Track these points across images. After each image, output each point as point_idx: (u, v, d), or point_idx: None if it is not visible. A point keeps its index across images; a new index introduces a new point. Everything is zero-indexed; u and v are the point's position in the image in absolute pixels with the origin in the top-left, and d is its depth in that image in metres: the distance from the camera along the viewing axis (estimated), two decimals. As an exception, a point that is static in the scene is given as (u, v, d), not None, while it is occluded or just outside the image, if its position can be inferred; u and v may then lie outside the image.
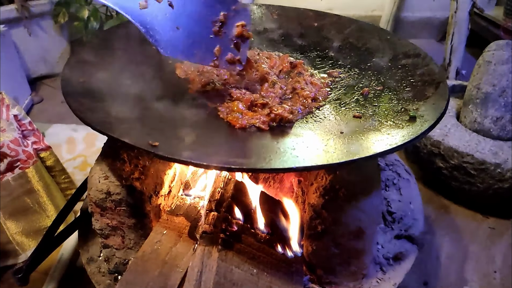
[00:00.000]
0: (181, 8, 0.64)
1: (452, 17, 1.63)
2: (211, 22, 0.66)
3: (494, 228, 1.10)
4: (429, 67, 0.74)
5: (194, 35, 0.65)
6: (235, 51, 0.69)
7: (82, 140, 1.36)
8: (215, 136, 0.60)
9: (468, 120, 1.17)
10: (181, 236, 0.71)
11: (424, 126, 0.58)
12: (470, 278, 0.95)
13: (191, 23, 0.65)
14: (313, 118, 0.65)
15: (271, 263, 0.67)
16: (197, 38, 0.66)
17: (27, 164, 0.94)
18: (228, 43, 0.68)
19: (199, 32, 0.66)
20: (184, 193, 0.82)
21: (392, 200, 0.82)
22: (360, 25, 0.93)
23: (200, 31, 0.66)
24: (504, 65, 1.10)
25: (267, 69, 0.75)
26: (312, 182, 0.68)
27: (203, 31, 0.66)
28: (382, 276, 0.72)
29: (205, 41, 0.66)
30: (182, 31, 0.65)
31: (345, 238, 0.65)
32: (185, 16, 0.64)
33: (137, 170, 0.68)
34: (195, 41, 0.66)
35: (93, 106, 0.60)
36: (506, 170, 1.02)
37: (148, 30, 0.61)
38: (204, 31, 0.66)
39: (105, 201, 0.68)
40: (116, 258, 0.74)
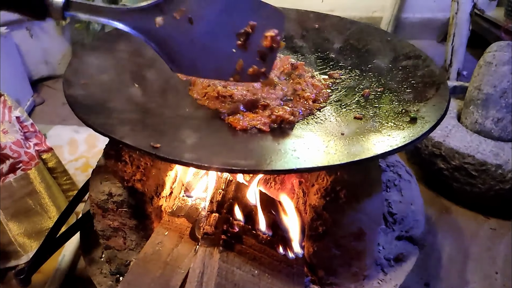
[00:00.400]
0: (200, 22, 0.56)
1: (453, 18, 1.64)
2: (235, 35, 0.58)
3: (495, 229, 1.10)
4: (429, 68, 0.74)
5: (213, 51, 0.58)
6: (260, 63, 0.61)
7: (84, 142, 1.37)
8: (216, 138, 0.60)
9: (469, 121, 1.17)
10: (182, 237, 0.71)
11: (425, 127, 0.58)
12: (471, 279, 0.95)
13: (211, 38, 0.57)
14: (314, 120, 0.65)
15: (272, 264, 0.67)
16: (217, 54, 0.58)
17: (29, 166, 0.95)
18: (253, 55, 0.60)
19: (219, 47, 0.58)
20: (186, 194, 0.82)
21: (393, 201, 0.82)
22: (361, 26, 0.93)
23: (220, 46, 0.58)
24: (505, 66, 1.10)
25: None
26: (313, 183, 0.68)
27: (224, 46, 0.58)
28: (383, 277, 0.72)
29: (225, 56, 0.59)
30: (199, 48, 0.57)
31: (346, 239, 0.66)
32: (204, 31, 0.56)
33: (138, 171, 0.68)
34: (214, 57, 0.58)
35: (95, 108, 0.60)
36: (507, 171, 1.02)
37: (161, 48, 0.55)
38: (226, 45, 0.58)
39: (107, 202, 0.68)
40: (118, 259, 0.74)
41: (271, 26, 0.59)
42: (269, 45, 0.59)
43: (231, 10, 0.57)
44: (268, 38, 0.59)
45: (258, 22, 0.58)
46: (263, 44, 0.59)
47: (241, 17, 0.57)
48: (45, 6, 0.49)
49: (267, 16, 0.58)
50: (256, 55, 0.60)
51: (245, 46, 0.59)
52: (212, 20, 0.56)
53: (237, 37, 0.58)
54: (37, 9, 0.49)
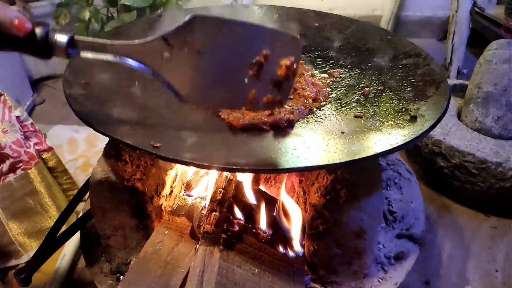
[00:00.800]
0: (209, 54, 0.53)
1: (453, 16, 1.63)
2: (248, 65, 0.54)
3: (495, 227, 1.10)
4: (430, 67, 0.74)
5: (224, 82, 0.55)
6: (275, 91, 0.57)
7: (84, 141, 1.37)
8: (217, 137, 0.60)
9: (469, 119, 1.17)
10: (182, 236, 0.71)
11: (425, 126, 0.58)
12: (472, 277, 0.95)
13: (221, 69, 0.54)
14: (314, 119, 0.65)
15: (272, 263, 0.67)
16: (227, 84, 0.55)
17: (29, 165, 0.95)
18: (267, 84, 0.56)
19: (230, 78, 0.55)
20: (186, 193, 0.82)
21: (394, 200, 0.82)
22: (361, 25, 0.93)
23: (231, 77, 0.55)
24: (505, 64, 1.10)
25: None
26: (314, 181, 0.68)
27: (235, 77, 0.55)
28: (383, 276, 0.73)
29: (237, 87, 0.55)
30: (209, 79, 0.55)
31: (347, 238, 0.66)
32: (213, 63, 0.54)
33: (138, 170, 0.68)
34: (225, 88, 0.56)
35: (95, 108, 0.60)
36: (508, 169, 1.02)
37: (170, 81, 0.54)
38: (237, 76, 0.55)
39: (107, 201, 0.68)
40: (118, 259, 0.74)
41: (286, 54, 0.55)
42: (284, 74, 0.56)
43: (242, 40, 0.54)
44: (283, 68, 0.55)
45: (272, 50, 0.54)
46: (278, 73, 0.56)
47: (253, 46, 0.54)
48: (49, 46, 0.49)
49: (282, 44, 0.55)
50: (270, 84, 0.56)
51: (258, 76, 0.55)
52: (222, 52, 0.54)
53: (249, 68, 0.54)
54: (41, 49, 0.50)
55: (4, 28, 0.46)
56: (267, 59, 0.54)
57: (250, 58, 0.54)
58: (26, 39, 0.48)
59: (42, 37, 0.48)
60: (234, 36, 0.53)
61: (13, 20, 0.46)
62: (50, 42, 0.49)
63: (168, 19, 0.92)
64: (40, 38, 0.48)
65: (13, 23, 0.46)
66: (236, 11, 0.99)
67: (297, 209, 0.74)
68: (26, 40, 0.48)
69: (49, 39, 0.49)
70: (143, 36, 0.78)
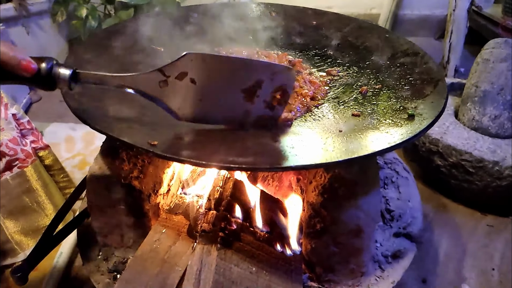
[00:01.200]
0: (205, 81, 0.57)
1: (451, 15, 1.64)
2: (240, 90, 0.58)
3: (492, 225, 1.10)
4: (427, 65, 0.74)
5: (219, 105, 0.59)
6: (268, 111, 0.61)
7: (81, 139, 1.36)
8: (214, 135, 0.60)
9: (466, 118, 1.17)
10: (180, 234, 0.71)
11: (422, 124, 0.58)
12: (469, 276, 0.95)
13: (216, 94, 0.58)
14: (312, 117, 0.65)
15: (270, 261, 0.67)
16: (223, 107, 0.60)
17: (26, 163, 0.94)
18: (261, 106, 0.60)
19: (225, 102, 0.59)
20: (183, 192, 0.82)
21: (391, 198, 0.82)
22: (359, 23, 0.93)
23: (226, 101, 0.59)
24: (503, 63, 1.10)
25: None
26: (311, 180, 0.68)
27: (230, 101, 0.59)
28: (380, 274, 0.73)
29: (232, 109, 0.60)
30: (205, 103, 0.59)
31: (344, 236, 0.66)
32: (208, 90, 0.58)
33: (136, 168, 0.67)
34: (220, 110, 0.60)
35: (92, 105, 0.60)
36: (505, 168, 1.02)
37: (167, 105, 0.58)
38: (232, 100, 0.59)
39: (104, 200, 0.68)
40: (115, 257, 0.74)
41: (279, 82, 0.59)
42: (277, 102, 0.60)
43: (235, 72, 0.58)
44: (275, 98, 0.60)
45: (266, 78, 0.58)
46: (272, 102, 0.60)
47: (246, 77, 0.58)
48: (53, 80, 0.52)
49: (275, 73, 0.59)
50: (263, 105, 0.60)
51: (252, 101, 0.59)
52: (216, 81, 0.58)
53: (242, 92, 0.59)
54: (46, 83, 0.52)
55: (12, 69, 0.49)
56: (260, 86, 0.58)
57: (245, 84, 0.58)
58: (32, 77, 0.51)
59: (46, 73, 0.51)
60: (226, 69, 0.58)
61: (20, 62, 0.49)
62: (54, 76, 0.52)
63: (165, 17, 0.91)
64: (45, 74, 0.51)
65: (20, 65, 0.49)
66: (234, 9, 0.99)
67: (295, 208, 0.74)
68: (32, 77, 0.51)
69: (53, 74, 0.52)
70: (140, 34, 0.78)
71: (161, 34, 0.86)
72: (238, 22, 0.95)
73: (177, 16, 0.93)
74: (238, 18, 0.96)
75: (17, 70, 0.50)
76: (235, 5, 1.02)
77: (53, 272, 0.90)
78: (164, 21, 0.90)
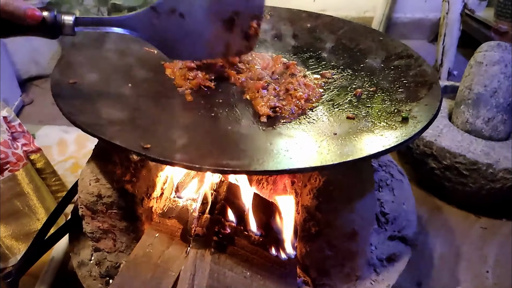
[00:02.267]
0: (191, 15, 0.64)
1: (444, 18, 1.64)
2: (222, 21, 0.66)
3: (486, 228, 1.10)
4: (421, 68, 0.74)
5: (204, 36, 0.66)
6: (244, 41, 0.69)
7: (73, 142, 1.35)
8: (208, 138, 0.59)
9: (460, 121, 1.18)
10: (173, 239, 0.70)
11: (417, 127, 0.58)
12: (463, 278, 0.96)
13: (201, 26, 0.65)
14: (307, 120, 0.65)
15: (264, 265, 0.67)
16: (207, 38, 0.67)
17: (17, 166, 0.93)
18: (239, 36, 0.68)
19: (209, 33, 0.66)
20: (177, 195, 0.81)
21: (386, 201, 0.82)
22: (353, 26, 0.93)
23: (210, 32, 0.66)
24: (495, 66, 1.10)
25: (260, 70, 0.75)
26: (306, 183, 0.67)
27: (213, 31, 0.66)
28: (375, 278, 0.72)
29: (215, 39, 0.67)
30: (192, 36, 0.65)
31: (339, 239, 0.65)
32: (194, 22, 0.64)
33: (128, 172, 0.67)
34: (205, 41, 0.67)
35: (84, 108, 0.59)
36: (498, 170, 1.03)
37: (160, 43, 0.64)
38: (214, 31, 0.66)
39: (96, 204, 0.67)
40: (108, 262, 0.73)
41: (252, 10, 0.67)
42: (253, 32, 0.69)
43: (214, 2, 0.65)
44: (252, 28, 0.68)
45: (241, 8, 0.66)
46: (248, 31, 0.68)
47: (225, 5, 0.66)
48: (58, 27, 0.55)
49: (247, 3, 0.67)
50: (241, 35, 0.68)
51: (231, 30, 0.67)
52: (200, 12, 0.64)
53: (223, 23, 0.66)
54: (51, 31, 0.55)
55: (18, 19, 0.50)
56: (238, 16, 0.66)
57: (224, 15, 0.66)
58: (37, 25, 0.53)
59: (51, 21, 0.54)
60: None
61: (25, 10, 0.50)
62: (59, 24, 0.55)
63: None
64: (50, 22, 0.54)
65: (26, 14, 0.50)
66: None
67: (289, 211, 0.74)
68: (38, 26, 0.53)
69: (57, 21, 0.54)
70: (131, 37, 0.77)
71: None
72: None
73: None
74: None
75: (23, 20, 0.50)
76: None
77: (44, 277, 0.89)
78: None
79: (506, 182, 1.03)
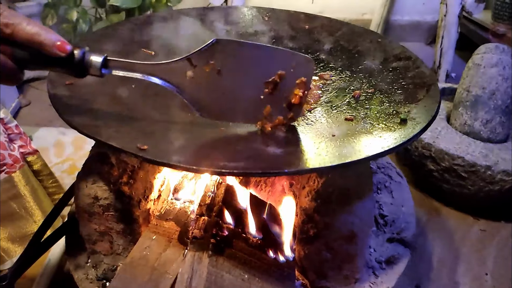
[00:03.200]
0: (229, 73, 0.57)
1: (442, 20, 1.65)
2: (263, 83, 0.58)
3: (485, 230, 1.10)
4: (420, 70, 0.74)
5: (241, 98, 0.59)
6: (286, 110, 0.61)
7: (71, 144, 1.34)
8: (205, 140, 0.59)
9: (458, 123, 1.18)
10: (170, 241, 0.69)
11: (416, 129, 0.58)
12: (462, 281, 0.95)
13: (239, 87, 0.58)
14: (305, 121, 0.65)
15: (262, 268, 0.66)
16: (244, 101, 0.59)
17: (14, 168, 0.92)
18: (281, 102, 0.60)
19: (247, 94, 0.59)
20: (174, 197, 0.81)
21: (384, 203, 0.81)
22: (351, 28, 0.92)
23: (248, 94, 0.59)
24: (494, 68, 1.11)
25: None
26: (304, 185, 0.67)
27: (252, 94, 0.59)
28: (374, 280, 0.72)
29: (253, 103, 0.59)
30: (227, 96, 0.58)
31: (338, 242, 0.65)
32: (232, 81, 0.58)
33: (125, 174, 0.66)
34: (242, 103, 0.59)
35: (80, 109, 0.59)
36: (497, 172, 1.03)
37: (192, 97, 0.57)
38: (254, 93, 0.59)
39: (93, 206, 0.66)
40: (104, 264, 0.72)
41: (300, 74, 0.59)
42: (297, 101, 0.60)
43: (259, 61, 0.58)
44: (297, 97, 0.59)
45: (287, 70, 0.58)
46: (292, 100, 0.59)
47: (269, 67, 0.58)
48: (85, 66, 0.53)
49: (296, 65, 0.59)
50: (283, 101, 0.60)
51: (273, 94, 0.59)
52: (240, 71, 0.58)
53: (265, 86, 0.58)
54: (78, 69, 0.53)
55: (47, 50, 0.50)
56: (282, 79, 0.58)
57: (267, 77, 0.58)
58: (65, 59, 0.52)
59: (79, 58, 0.52)
60: (252, 57, 0.58)
61: (55, 42, 0.50)
62: (87, 62, 0.53)
63: (157, 20, 0.91)
64: (78, 59, 0.52)
65: (55, 45, 0.50)
66: (227, 13, 0.98)
67: (288, 213, 0.73)
68: (65, 60, 0.52)
69: (86, 60, 0.53)
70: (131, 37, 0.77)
71: (152, 38, 0.85)
72: (231, 26, 0.95)
73: (169, 20, 0.92)
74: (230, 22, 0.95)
75: (52, 51, 0.50)
76: (228, 9, 1.01)
77: (40, 280, 0.88)
78: (156, 25, 0.89)
79: (505, 184, 1.03)
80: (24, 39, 0.49)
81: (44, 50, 0.50)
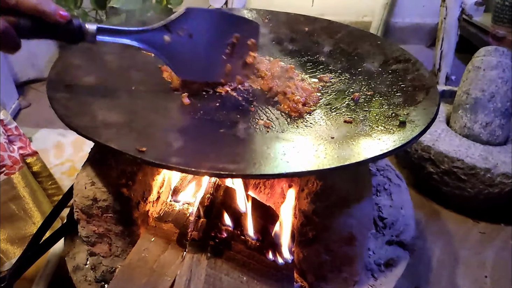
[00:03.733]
0: (198, 36, 0.67)
1: (442, 23, 1.65)
2: (225, 45, 0.70)
3: (484, 232, 1.10)
4: (419, 72, 0.74)
5: (209, 58, 0.70)
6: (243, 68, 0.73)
7: (70, 145, 1.34)
8: (204, 141, 0.59)
9: (458, 125, 1.18)
10: (169, 243, 0.69)
11: (415, 131, 0.58)
12: (461, 283, 0.95)
13: (207, 48, 0.69)
14: (304, 123, 0.65)
15: (261, 270, 0.66)
16: (211, 60, 0.70)
17: (13, 170, 0.92)
18: (238, 61, 0.72)
19: (213, 55, 0.70)
20: (173, 199, 0.81)
21: (383, 205, 0.81)
22: (350, 30, 0.93)
23: (214, 54, 0.70)
24: (493, 70, 1.11)
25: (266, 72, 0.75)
26: (303, 187, 0.67)
27: (216, 54, 0.70)
28: (373, 283, 0.72)
29: (217, 62, 0.70)
30: (199, 57, 0.68)
31: (337, 244, 0.65)
32: (201, 43, 0.68)
33: (124, 175, 0.66)
34: (209, 63, 0.70)
35: (79, 111, 0.59)
36: (496, 175, 1.03)
37: (170, 60, 0.66)
38: (218, 53, 0.70)
39: (92, 207, 0.66)
40: (103, 266, 0.72)
41: (249, 35, 0.72)
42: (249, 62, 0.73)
43: (219, 25, 0.70)
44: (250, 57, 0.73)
45: (242, 33, 0.71)
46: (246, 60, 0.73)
47: (229, 30, 0.70)
48: (82, 33, 0.59)
49: (246, 28, 0.72)
50: (240, 61, 0.72)
51: (232, 55, 0.71)
52: (208, 34, 0.69)
53: (226, 47, 0.70)
54: (74, 35, 0.59)
55: (50, 18, 0.55)
56: (238, 41, 0.71)
57: (227, 39, 0.70)
58: (64, 27, 0.57)
59: (77, 26, 0.58)
60: (216, 22, 0.70)
61: (56, 10, 0.55)
62: (83, 30, 0.59)
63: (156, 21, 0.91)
64: (75, 27, 0.58)
65: (57, 13, 0.55)
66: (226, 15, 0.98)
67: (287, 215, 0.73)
68: (64, 28, 0.57)
69: (82, 27, 0.59)
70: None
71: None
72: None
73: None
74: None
75: (53, 18, 0.55)
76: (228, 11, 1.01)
77: (39, 281, 0.88)
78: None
79: (504, 187, 1.03)
80: (28, 9, 0.53)
81: (47, 18, 0.54)
